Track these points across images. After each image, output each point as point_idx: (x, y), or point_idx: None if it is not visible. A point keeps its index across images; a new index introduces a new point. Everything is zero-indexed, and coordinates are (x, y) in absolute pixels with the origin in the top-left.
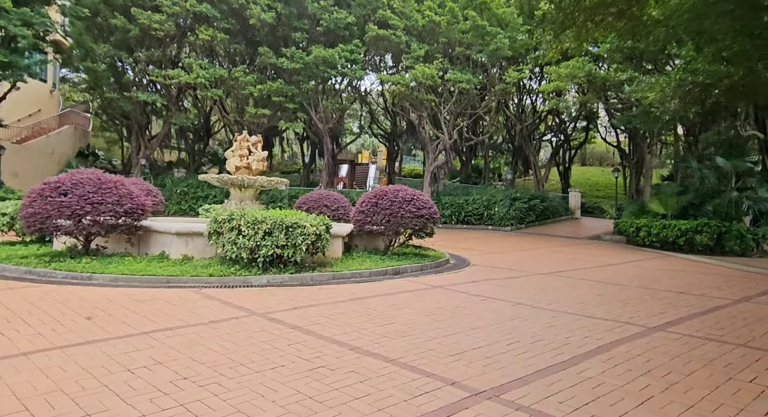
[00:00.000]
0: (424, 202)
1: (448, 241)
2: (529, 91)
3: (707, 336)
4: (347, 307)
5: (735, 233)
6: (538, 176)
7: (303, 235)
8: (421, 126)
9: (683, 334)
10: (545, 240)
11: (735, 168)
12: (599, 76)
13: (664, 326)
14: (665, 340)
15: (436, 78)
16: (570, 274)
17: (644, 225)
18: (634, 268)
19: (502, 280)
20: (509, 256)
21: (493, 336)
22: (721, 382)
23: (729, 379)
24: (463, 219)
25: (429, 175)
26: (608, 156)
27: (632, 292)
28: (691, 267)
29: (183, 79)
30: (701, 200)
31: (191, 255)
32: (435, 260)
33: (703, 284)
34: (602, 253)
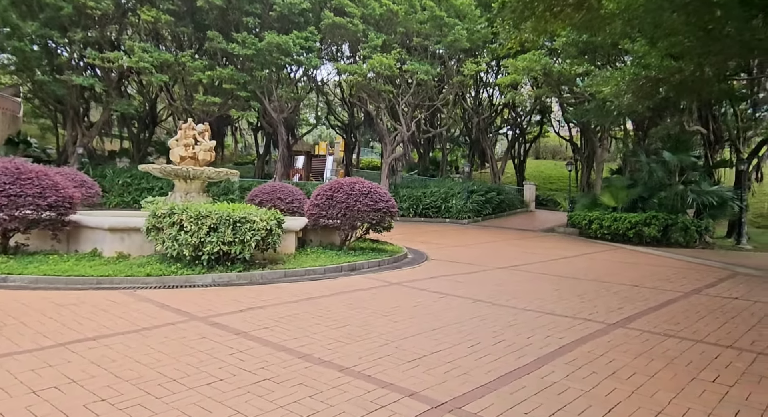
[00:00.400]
0: (382, 195)
1: (406, 235)
2: (485, 84)
3: (665, 332)
4: (299, 307)
5: (680, 225)
6: (494, 169)
7: (252, 231)
8: (378, 117)
9: (642, 330)
10: (502, 232)
11: (680, 162)
12: (555, 70)
13: (623, 322)
14: (626, 337)
15: (393, 68)
16: (527, 268)
17: (596, 218)
18: (588, 260)
19: (461, 276)
20: (467, 250)
21: (454, 337)
22: (685, 382)
23: (693, 380)
24: (420, 212)
25: (387, 167)
26: (561, 150)
27: (588, 286)
28: (641, 259)
29: (124, 63)
30: (649, 193)
31: (127, 252)
32: (393, 255)
33: (654, 277)
34: (557, 246)
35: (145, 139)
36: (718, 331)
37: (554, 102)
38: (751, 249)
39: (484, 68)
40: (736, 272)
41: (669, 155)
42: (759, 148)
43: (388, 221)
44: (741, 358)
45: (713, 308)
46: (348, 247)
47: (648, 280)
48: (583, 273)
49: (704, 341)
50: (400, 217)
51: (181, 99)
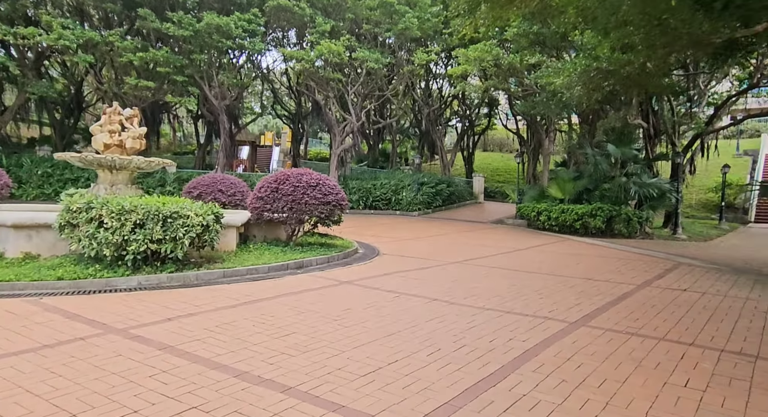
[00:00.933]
0: (331, 188)
1: (356, 228)
2: (435, 76)
3: (627, 330)
4: (238, 313)
5: (624, 217)
6: (444, 161)
7: (186, 227)
8: (327, 107)
9: (605, 329)
10: (452, 225)
11: (623, 155)
12: (506, 61)
13: (584, 320)
14: (589, 337)
15: (343, 56)
16: (481, 262)
17: (544, 209)
18: (540, 253)
19: (415, 272)
20: (419, 243)
21: (411, 344)
22: (658, 389)
23: (665, 385)
24: (371, 204)
25: (336, 158)
26: (507, 142)
27: (544, 281)
28: (589, 250)
29: (41, 40)
30: (595, 185)
31: (36, 253)
32: (343, 250)
33: (605, 269)
34: (507, 238)
35: (69, 126)
36: (677, 327)
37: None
38: (685, 239)
39: (434, 58)
40: (679, 263)
41: (613, 148)
42: (692, 142)
43: (338, 215)
44: (706, 358)
45: (667, 301)
46: (295, 242)
47: (600, 272)
48: (537, 266)
49: (667, 339)
50: (349, 210)
51: (110, 82)
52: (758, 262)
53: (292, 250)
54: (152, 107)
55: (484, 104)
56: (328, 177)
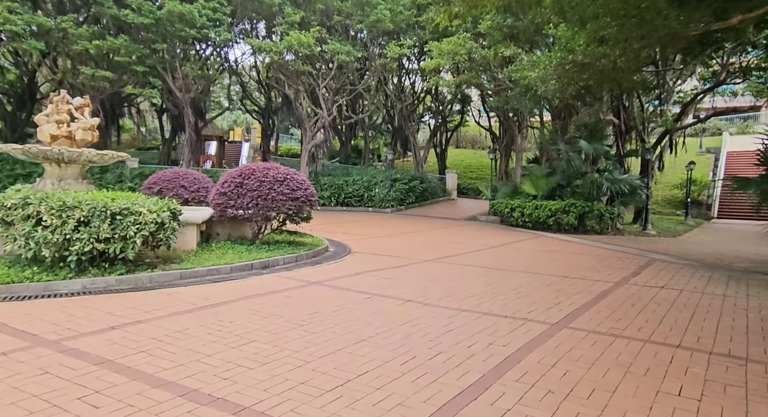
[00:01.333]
0: (300, 182)
1: (327, 226)
2: (408, 72)
3: (611, 331)
4: (192, 319)
5: (596, 213)
6: (417, 157)
7: (138, 225)
8: (298, 101)
9: (587, 331)
10: (425, 222)
11: (595, 151)
12: (480, 55)
13: (565, 321)
14: (573, 340)
15: (313, 47)
16: (455, 260)
17: (518, 206)
18: (514, 250)
19: (388, 271)
20: (392, 241)
21: (384, 351)
22: (651, 398)
23: (657, 394)
24: (342, 201)
25: (307, 154)
26: (480, 139)
27: (521, 279)
28: (563, 247)
29: None
30: (567, 181)
31: None
32: (312, 249)
33: (581, 266)
34: (481, 235)
35: (22, 119)
36: (661, 328)
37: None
38: (655, 234)
39: (407, 52)
40: (653, 259)
41: (585, 144)
42: (661, 138)
43: (307, 211)
44: (695, 361)
45: (646, 300)
46: (261, 241)
47: (576, 269)
48: (512, 264)
49: (653, 341)
50: (321, 206)
51: (65, 72)
52: (728, 257)
53: (258, 248)
54: (112, 99)
55: (456, 101)
56: (297, 171)
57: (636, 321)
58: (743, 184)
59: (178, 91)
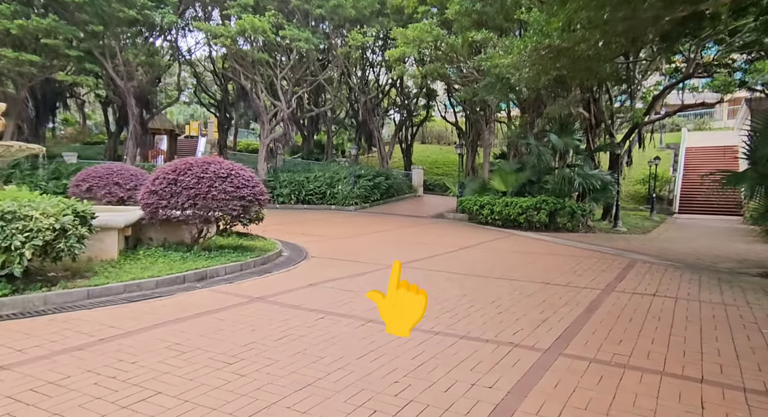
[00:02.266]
0: (246, 179)
1: (284, 226)
2: (372, 64)
3: (616, 359)
4: (81, 361)
5: (568, 210)
6: (382, 153)
7: (27, 232)
8: (254, 93)
9: (588, 359)
10: (391, 220)
11: (566, 145)
12: (448, 43)
13: (558, 346)
14: (573, 375)
15: (269, 33)
16: (424, 265)
17: (487, 203)
18: (487, 251)
19: (348, 280)
20: (354, 242)
21: (335, 404)
22: None
23: None
24: (303, 198)
25: (265, 148)
26: (446, 134)
27: (498, 287)
28: (537, 247)
29: None
30: (538, 177)
31: None
32: (262, 254)
33: (560, 269)
34: (450, 234)
35: None
36: (673, 353)
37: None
38: (625, 231)
39: (371, 39)
40: (634, 260)
41: (555, 138)
42: (630, 133)
43: (256, 211)
44: (732, 404)
45: (642, 312)
46: (202, 246)
47: (556, 274)
48: (487, 268)
49: (669, 373)
50: (280, 204)
51: None
52: (708, 256)
53: (196, 255)
54: (45, 88)
55: (422, 95)
56: (244, 167)
57: (640, 343)
58: (733, 180)
59: (119, 79)
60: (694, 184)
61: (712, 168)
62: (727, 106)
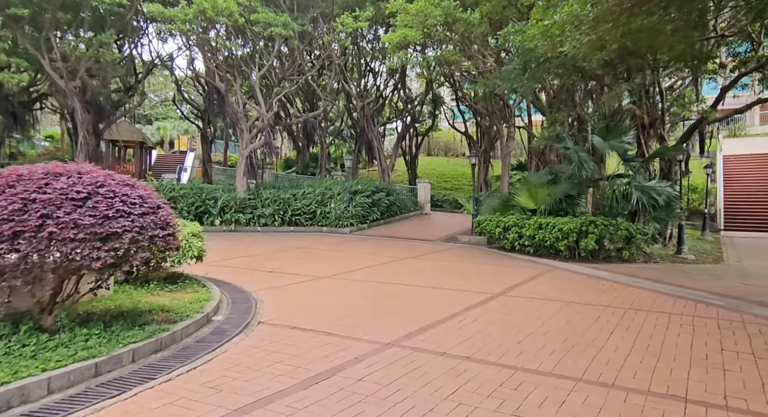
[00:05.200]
0: (130, 202)
1: (253, 258)
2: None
3: None
4: None
5: (623, 233)
6: (383, 165)
7: None
8: (231, 95)
9: None
10: (393, 246)
11: (613, 150)
12: (461, 19)
13: None
14: None
15: (236, 16)
16: (442, 341)
17: (513, 224)
18: (529, 304)
19: (315, 388)
20: (336, 287)
21: None
22: None
23: None
24: (289, 219)
25: (244, 161)
26: (453, 145)
27: (582, 406)
28: (601, 294)
29: None
30: (578, 191)
31: None
32: (171, 328)
33: (673, 347)
34: (468, 269)
35: None
36: None
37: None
38: (694, 260)
39: (365, 24)
40: (754, 314)
41: (599, 141)
42: (689, 134)
43: (160, 258)
44: None
45: None
46: (63, 320)
47: (670, 360)
48: (544, 347)
49: None
50: (261, 227)
51: None
52: None
53: (22, 346)
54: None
55: (428, 101)
56: (132, 182)
57: None
58: None
59: (58, 78)
60: (737, 196)
61: (756, 179)
62: (759, 110)
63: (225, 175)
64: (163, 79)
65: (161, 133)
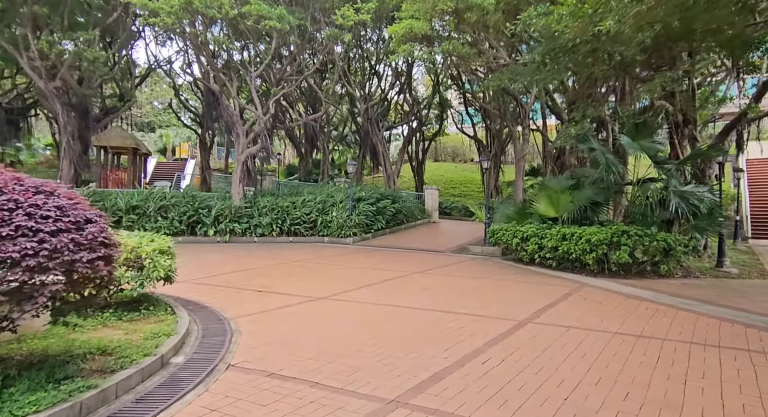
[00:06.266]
0: (43, 215)
1: (242, 274)
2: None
3: None
4: None
5: (660, 245)
6: (388, 171)
7: None
8: (225, 96)
9: None
10: (399, 259)
11: (643, 151)
12: (475, 5)
13: None
14: None
15: (227, 8)
16: (466, 392)
17: (533, 234)
18: (569, 335)
19: None
20: (334, 312)
21: None
22: None
23: None
24: (288, 229)
25: (240, 167)
26: (461, 150)
27: None
28: (657, 321)
29: None
30: (606, 197)
31: None
32: (111, 378)
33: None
34: (484, 286)
35: None
36: None
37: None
38: (737, 274)
39: (367, 17)
40: None
41: (628, 141)
42: (727, 132)
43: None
44: None
45: None
46: None
47: None
48: (602, 409)
49: None
50: (258, 237)
51: None
52: None
53: None
54: None
55: (434, 105)
56: (42, 187)
57: None
58: None
59: (38, 78)
60: (763, 203)
61: None
62: None
63: (225, 182)
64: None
65: (164, 141)
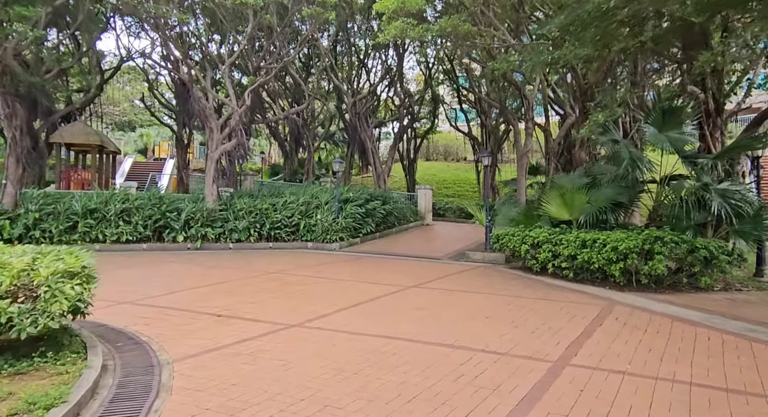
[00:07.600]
0: None
1: (201, 291)
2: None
3: None
4: None
5: (701, 253)
6: (377, 170)
7: None
8: (197, 87)
9: None
10: (391, 269)
11: (671, 144)
12: None
13: None
14: None
15: None
16: None
17: (546, 240)
18: (628, 388)
19: None
20: (307, 349)
21: None
22: None
23: None
24: (268, 234)
25: (213, 165)
26: (453, 149)
27: None
28: (732, 359)
29: None
30: (629, 197)
31: None
32: None
33: None
34: (499, 306)
35: None
36: None
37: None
38: None
39: None
40: None
41: (654, 132)
42: (759, 121)
43: None
44: None
45: None
46: None
47: None
48: None
49: None
50: (234, 243)
51: None
52: None
53: None
54: None
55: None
56: None
57: None
58: None
59: None
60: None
61: None
62: None
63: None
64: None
65: (144, 140)
